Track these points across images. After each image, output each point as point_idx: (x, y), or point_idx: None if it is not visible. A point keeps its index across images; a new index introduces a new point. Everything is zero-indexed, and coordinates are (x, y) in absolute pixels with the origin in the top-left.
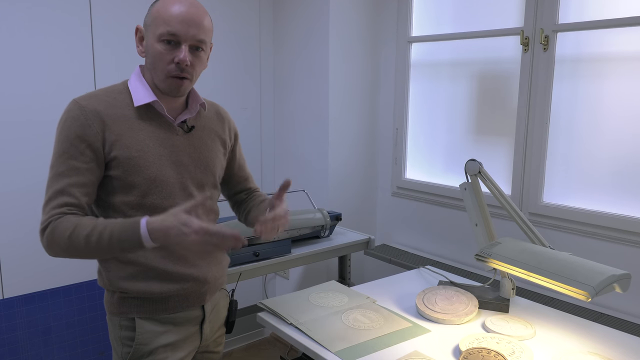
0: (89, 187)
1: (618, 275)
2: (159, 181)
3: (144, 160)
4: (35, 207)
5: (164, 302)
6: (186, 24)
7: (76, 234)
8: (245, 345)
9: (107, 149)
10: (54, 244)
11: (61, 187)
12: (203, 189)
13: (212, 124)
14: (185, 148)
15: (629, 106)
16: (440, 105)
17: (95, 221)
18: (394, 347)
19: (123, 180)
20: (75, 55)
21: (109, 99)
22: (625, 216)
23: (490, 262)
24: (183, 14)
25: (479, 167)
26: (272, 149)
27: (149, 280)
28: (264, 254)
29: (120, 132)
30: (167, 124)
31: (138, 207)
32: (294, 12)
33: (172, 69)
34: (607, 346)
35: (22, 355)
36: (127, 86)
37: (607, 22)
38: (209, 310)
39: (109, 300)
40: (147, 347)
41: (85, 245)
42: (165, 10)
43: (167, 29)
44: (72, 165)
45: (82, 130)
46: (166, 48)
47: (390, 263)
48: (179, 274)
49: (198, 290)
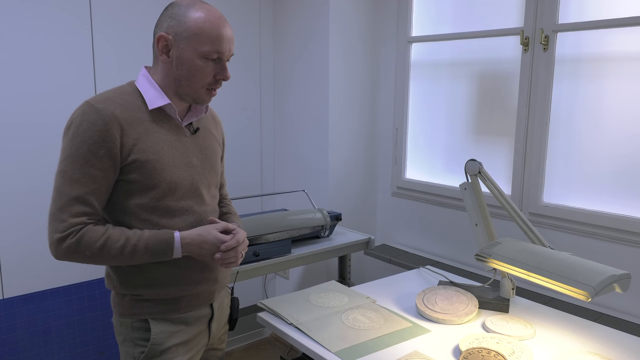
0: (104, 194)
1: (618, 275)
2: (174, 184)
3: (160, 164)
4: (35, 207)
5: (176, 302)
6: (228, 43)
7: (109, 245)
8: (245, 345)
9: (124, 154)
10: (77, 253)
11: (79, 195)
12: (209, 190)
13: (209, 125)
14: (194, 150)
15: (629, 106)
16: (440, 105)
17: (125, 232)
18: (394, 347)
19: (140, 184)
20: (75, 55)
21: (123, 102)
22: (625, 216)
23: (490, 262)
24: (227, 33)
25: (479, 167)
26: (272, 149)
27: (164, 283)
28: (264, 254)
29: (137, 136)
30: (177, 126)
31: (152, 210)
32: (294, 12)
33: (212, 83)
34: (607, 346)
35: (22, 355)
36: (136, 88)
37: (607, 22)
38: (217, 308)
39: (119, 302)
40: (162, 346)
41: (117, 255)
42: (210, 29)
43: (215, 48)
44: (89, 172)
45: (100, 136)
46: (208, 64)
47: (390, 263)
48: (192, 276)
49: (208, 289)
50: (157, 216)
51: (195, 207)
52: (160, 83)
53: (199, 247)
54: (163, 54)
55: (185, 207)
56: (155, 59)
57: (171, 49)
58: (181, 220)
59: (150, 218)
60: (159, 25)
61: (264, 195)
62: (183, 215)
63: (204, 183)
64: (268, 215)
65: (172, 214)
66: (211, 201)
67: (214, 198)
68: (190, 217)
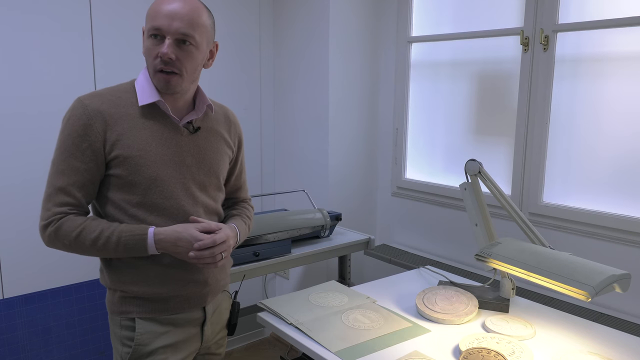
0: (88, 187)
1: (618, 275)
2: (159, 181)
3: (144, 160)
4: (35, 207)
5: (164, 302)
6: (170, 18)
7: (83, 235)
8: (245, 345)
9: (107, 149)
10: (56, 241)
11: (62, 185)
12: (206, 190)
13: (219, 126)
14: (190, 149)
15: (629, 106)
16: (440, 105)
17: (102, 224)
18: (394, 347)
19: (124, 179)
20: (75, 52)
21: (113, 98)
22: (625, 216)
23: (490, 262)
24: (168, 8)
25: (479, 167)
26: (272, 149)
27: (150, 280)
28: (264, 254)
29: (121, 131)
30: (172, 124)
31: (139, 205)
32: (294, 12)
33: (158, 64)
34: (607, 346)
35: (22, 355)
36: (134, 85)
37: (607, 22)
38: (210, 311)
39: (110, 299)
40: (147, 347)
41: (91, 246)
42: (154, 6)
43: (152, 23)
44: (72, 164)
45: (83, 130)
46: (153, 43)
47: (390, 263)
48: (179, 276)
49: (199, 291)
50: (145, 212)
51: (187, 207)
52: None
53: (173, 245)
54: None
55: (174, 206)
56: None
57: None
58: (171, 218)
59: (137, 214)
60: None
61: (264, 195)
62: (173, 214)
63: (198, 183)
64: (268, 215)
65: (161, 211)
66: (206, 202)
67: (212, 200)
68: (181, 216)
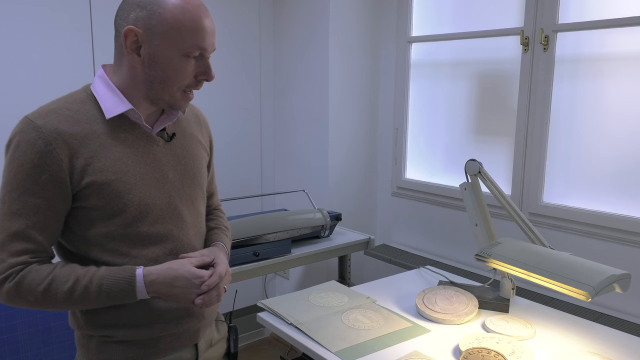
0: (52, 226)
1: (618, 275)
2: (143, 205)
3: (123, 184)
4: None
5: (154, 344)
6: (211, 37)
7: (54, 288)
8: (245, 345)
9: (76, 178)
10: (18, 299)
11: (18, 230)
12: (193, 206)
13: (192, 128)
14: (169, 161)
15: (629, 106)
16: (440, 105)
17: (75, 271)
18: (394, 347)
19: (102, 210)
20: (75, 54)
21: (71, 113)
22: (626, 216)
23: (490, 262)
24: (209, 24)
25: (479, 167)
26: (272, 148)
27: (137, 321)
28: (264, 254)
29: (90, 154)
30: (145, 134)
31: (121, 238)
32: (294, 12)
33: (192, 85)
34: (607, 346)
35: (22, 355)
36: (92, 93)
37: (607, 22)
38: (202, 349)
39: (85, 344)
40: None
41: (65, 299)
42: (191, 20)
43: (198, 44)
44: (29, 202)
45: (40, 159)
46: (189, 63)
47: (390, 263)
48: (173, 312)
49: (192, 327)
50: (127, 246)
51: (175, 231)
52: (123, 86)
53: (169, 286)
54: (132, 52)
55: (161, 232)
56: (119, 57)
57: (142, 45)
58: (158, 248)
59: (118, 248)
60: (124, 17)
61: (264, 195)
62: (160, 243)
63: (184, 200)
64: (268, 215)
65: (146, 241)
66: (195, 220)
67: (199, 215)
68: (169, 244)
